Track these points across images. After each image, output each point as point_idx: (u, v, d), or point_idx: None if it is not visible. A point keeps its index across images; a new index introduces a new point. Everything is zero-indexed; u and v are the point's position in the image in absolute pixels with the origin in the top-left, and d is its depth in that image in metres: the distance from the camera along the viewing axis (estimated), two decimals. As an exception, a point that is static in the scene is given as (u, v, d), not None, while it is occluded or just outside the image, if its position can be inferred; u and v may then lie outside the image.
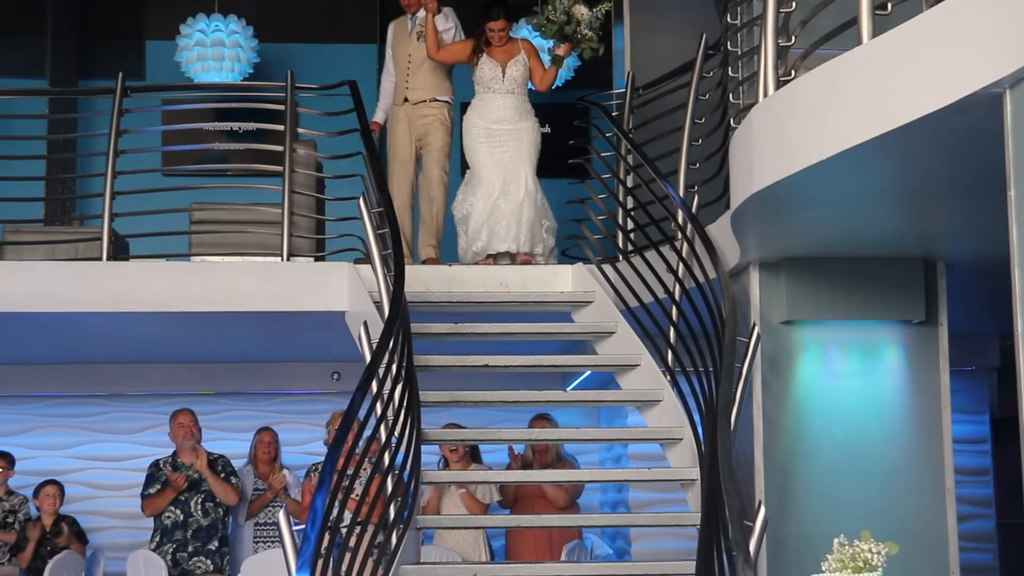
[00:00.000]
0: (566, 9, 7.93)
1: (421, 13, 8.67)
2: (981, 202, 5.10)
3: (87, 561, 8.94)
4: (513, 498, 8.69)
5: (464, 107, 8.79)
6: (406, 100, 8.79)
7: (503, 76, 8.31)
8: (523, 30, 9.36)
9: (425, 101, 8.76)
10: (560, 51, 8.31)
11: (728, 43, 7.16)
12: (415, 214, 9.00)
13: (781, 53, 5.48)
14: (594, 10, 8.00)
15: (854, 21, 4.82)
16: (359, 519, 5.69)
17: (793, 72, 5.41)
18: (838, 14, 5.15)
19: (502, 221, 8.12)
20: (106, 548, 9.60)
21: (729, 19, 7.05)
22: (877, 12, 4.76)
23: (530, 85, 8.68)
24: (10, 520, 9.05)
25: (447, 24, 8.70)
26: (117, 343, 9.67)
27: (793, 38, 5.55)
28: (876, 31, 4.71)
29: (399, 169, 8.78)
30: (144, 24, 12.43)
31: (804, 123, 5.11)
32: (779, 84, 5.42)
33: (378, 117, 9.03)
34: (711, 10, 7.89)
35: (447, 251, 8.88)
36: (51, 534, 8.91)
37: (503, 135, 8.25)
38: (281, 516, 5.18)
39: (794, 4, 5.55)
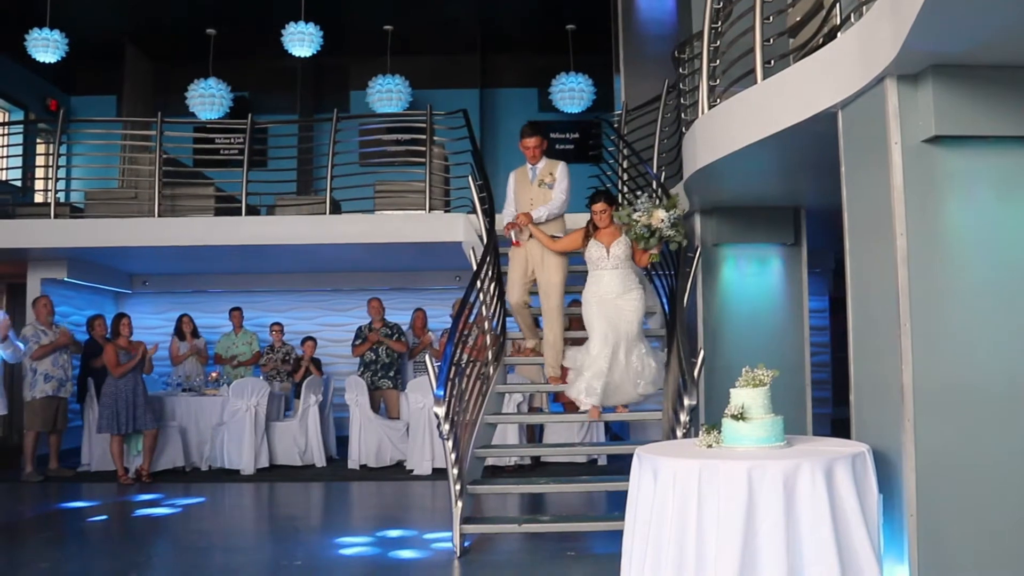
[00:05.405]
0: (647, 223, 5.71)
1: (541, 164, 6.27)
2: (826, 174, 4.99)
3: (324, 380, 9.13)
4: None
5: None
6: (530, 236, 6.18)
7: (608, 255, 5.84)
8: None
9: None
10: (654, 251, 5.84)
11: (680, 84, 7.03)
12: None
13: (711, 90, 5.38)
14: (669, 213, 5.70)
15: (752, 71, 4.73)
16: (472, 359, 5.80)
17: (718, 100, 5.31)
18: (743, 65, 5.05)
19: (601, 380, 5.69)
20: (333, 374, 9.81)
21: (681, 71, 6.93)
22: (765, 65, 4.67)
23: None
24: (287, 359, 9.27)
25: (563, 182, 6.23)
26: (336, 260, 9.77)
27: (718, 80, 5.44)
28: (765, 76, 4.62)
29: (518, 283, 6.22)
30: (349, 80, 12.56)
31: (723, 131, 5.03)
32: (710, 107, 5.33)
33: (511, 217, 6.30)
34: (671, 65, 7.73)
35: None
36: (307, 367, 9.14)
37: (611, 305, 5.77)
38: (428, 357, 5.28)
39: (718, 61, 5.45)
